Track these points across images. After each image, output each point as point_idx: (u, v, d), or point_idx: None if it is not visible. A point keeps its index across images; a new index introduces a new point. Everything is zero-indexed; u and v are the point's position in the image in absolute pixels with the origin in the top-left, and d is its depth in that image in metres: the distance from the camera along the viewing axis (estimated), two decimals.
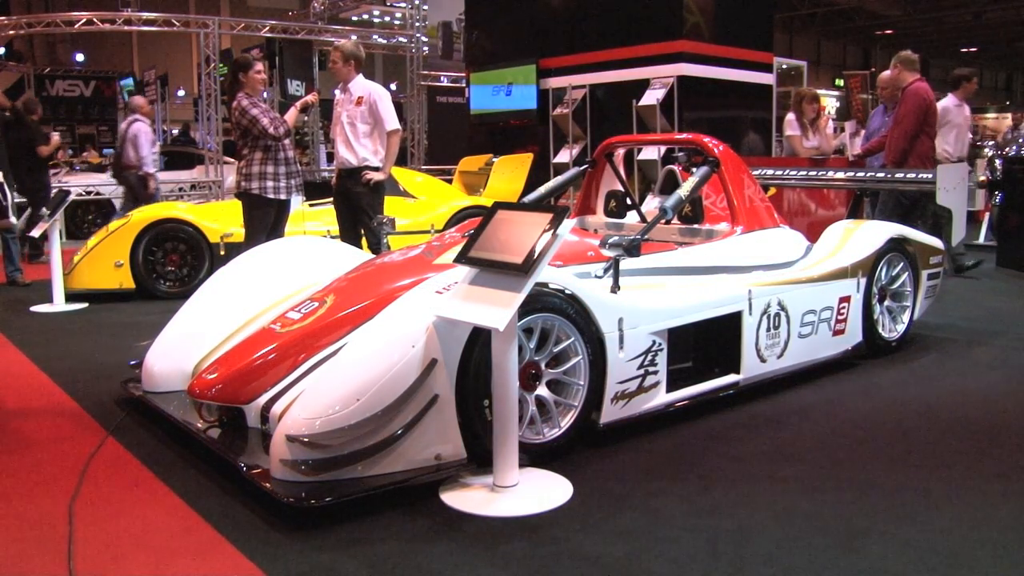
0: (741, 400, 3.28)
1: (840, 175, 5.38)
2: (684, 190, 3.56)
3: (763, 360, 3.36)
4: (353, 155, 5.07)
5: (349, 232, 5.21)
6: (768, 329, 3.36)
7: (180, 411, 2.93)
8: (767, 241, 3.77)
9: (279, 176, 4.94)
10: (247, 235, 4.99)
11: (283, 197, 4.99)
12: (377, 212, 5.02)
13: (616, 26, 8.83)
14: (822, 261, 3.81)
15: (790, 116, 6.90)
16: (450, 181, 9.01)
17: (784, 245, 3.84)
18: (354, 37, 13.77)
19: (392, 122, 5.14)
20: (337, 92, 5.30)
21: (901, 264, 4.08)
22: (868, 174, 5.30)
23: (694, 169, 3.83)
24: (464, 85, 11.49)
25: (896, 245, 4.04)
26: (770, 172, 5.60)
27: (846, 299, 3.76)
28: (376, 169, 5.12)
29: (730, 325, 3.24)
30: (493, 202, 2.65)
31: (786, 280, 3.51)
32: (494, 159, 8.58)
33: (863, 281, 3.84)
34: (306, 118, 5.22)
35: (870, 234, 4.03)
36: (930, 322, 4.67)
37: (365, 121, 5.07)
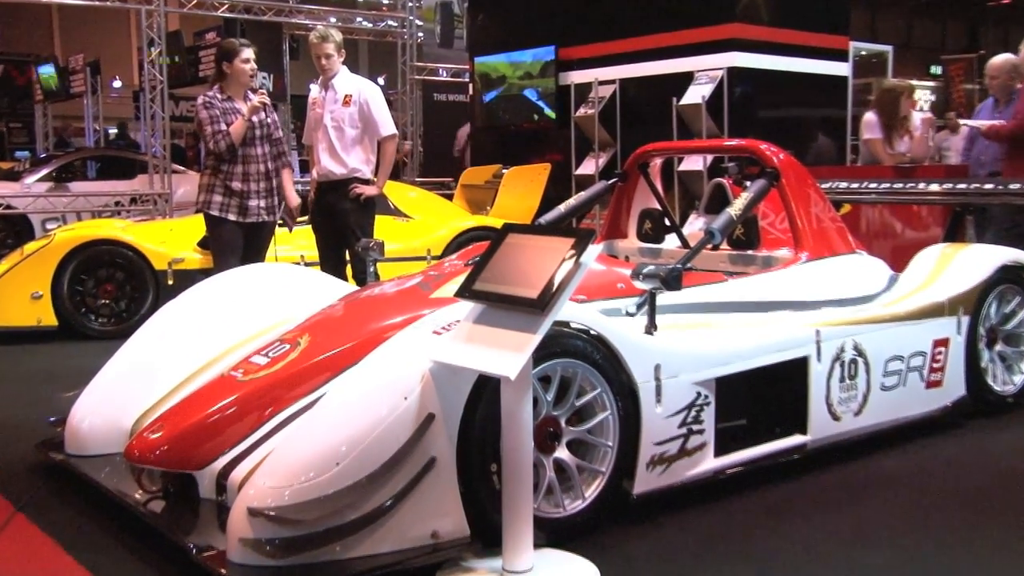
0: (809, 467, 3.30)
1: (935, 187, 5.40)
2: (736, 208, 3.62)
3: (836, 418, 3.38)
4: (339, 165, 5.18)
5: (330, 258, 5.30)
6: (842, 379, 3.39)
7: (114, 479, 2.96)
8: (839, 270, 3.82)
9: (231, 192, 4.98)
10: (213, 260, 5.12)
11: (233, 218, 5.00)
12: (367, 233, 5.10)
13: (652, 8, 8.96)
14: (911, 295, 3.85)
15: (870, 115, 6.96)
16: (450, 197, 9.13)
17: (861, 275, 3.88)
18: (333, 20, 14.07)
19: (388, 126, 5.27)
20: (314, 88, 5.43)
21: (1017, 299, 4.08)
22: (973, 185, 5.30)
23: (748, 183, 3.90)
24: (467, 80, 11.69)
25: (1010, 274, 4.04)
26: (844, 185, 5.66)
27: (943, 342, 3.78)
28: (367, 183, 5.23)
29: (794, 374, 3.27)
30: (503, 223, 2.72)
31: (864, 319, 3.55)
32: (503, 171, 8.68)
33: (965, 320, 3.86)
34: (273, 119, 5.30)
35: (975, 261, 4.05)
36: None
37: (354, 124, 5.18)
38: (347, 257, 5.30)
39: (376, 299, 3.46)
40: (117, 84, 20.91)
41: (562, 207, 4.38)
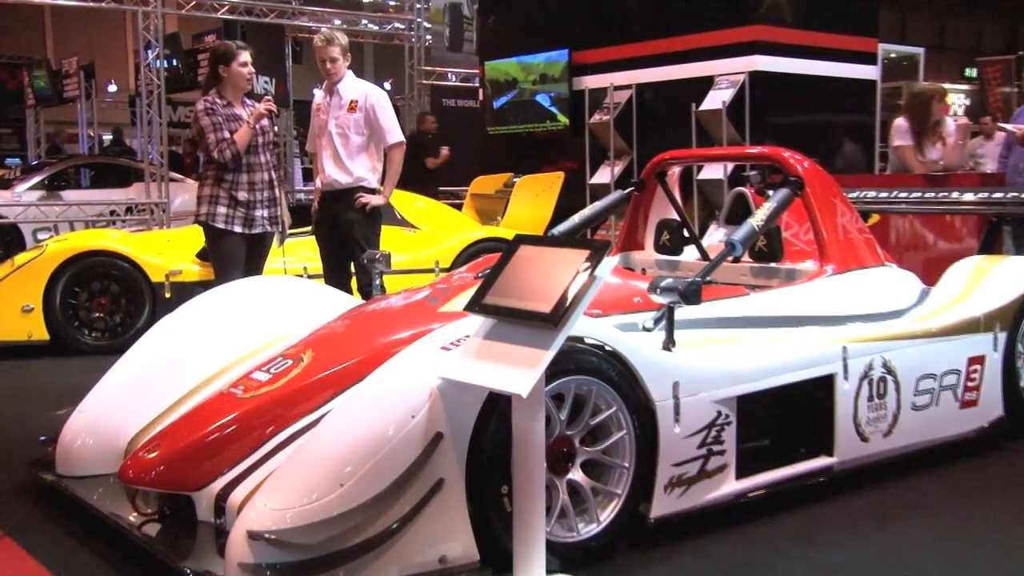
0: (836, 490, 3.29)
1: (969, 196, 5.39)
2: (758, 219, 3.63)
3: (864, 439, 3.38)
4: (344, 173, 5.21)
5: (334, 270, 5.33)
6: (870, 398, 3.39)
7: (107, 501, 2.97)
8: (867, 283, 3.82)
9: (236, 202, 5.00)
10: (214, 273, 5.14)
11: (239, 230, 5.02)
12: (372, 245, 5.14)
13: (671, 9, 9.01)
14: (944, 310, 3.84)
15: (900, 121, 6.95)
16: (459, 207, 9.17)
17: (891, 289, 3.88)
18: (337, 22, 14.18)
19: (395, 133, 5.29)
20: (319, 93, 5.47)
21: None
22: (1010, 194, 5.29)
23: (771, 192, 3.91)
24: (477, 85, 11.75)
25: None
26: (872, 194, 5.66)
27: (978, 360, 3.77)
28: (373, 191, 5.27)
29: (819, 393, 3.27)
30: (514, 235, 2.74)
31: (894, 334, 3.55)
32: (515, 179, 8.73)
33: (1003, 336, 3.84)
34: (275, 128, 5.32)
35: (1012, 274, 4.04)
36: None
37: (360, 131, 5.22)
38: (352, 269, 5.33)
39: (382, 313, 3.49)
40: (112, 88, 21.06)
41: (576, 217, 4.40)
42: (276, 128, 5.28)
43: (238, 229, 5.02)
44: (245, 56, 5.09)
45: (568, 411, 2.68)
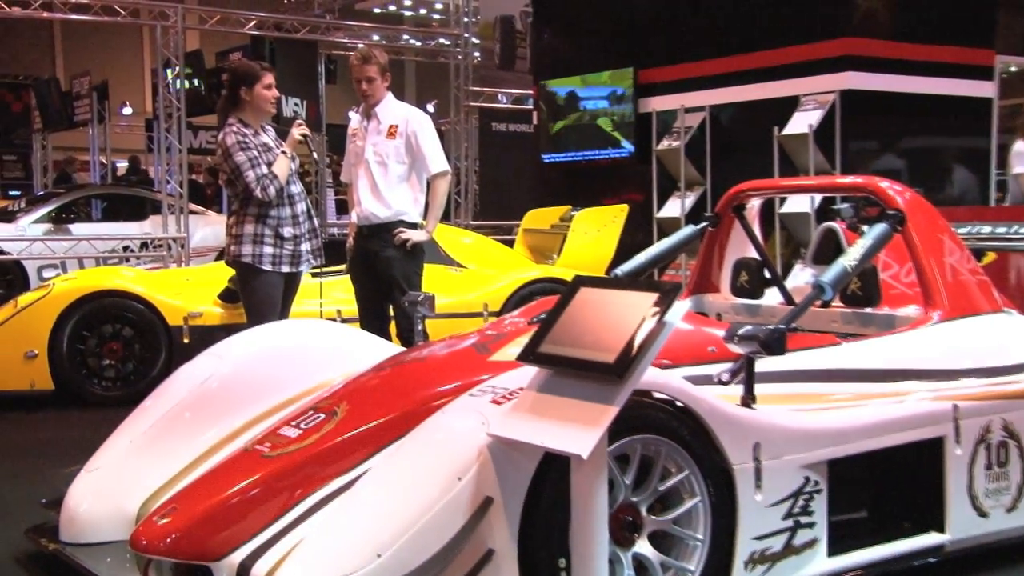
0: (949, 572, 3.23)
1: None
2: (850, 258, 3.61)
3: (983, 514, 3.31)
4: (382, 206, 5.30)
5: (371, 313, 5.41)
6: (988, 466, 3.33)
7: (117, 572, 3.01)
8: (981, 333, 3.77)
9: (283, 240, 5.08)
10: (249, 316, 5.19)
11: (287, 269, 5.13)
12: (414, 286, 5.20)
13: (750, 22, 9.02)
14: None
15: (1021, 144, 6.89)
16: (511, 244, 9.24)
17: (1010, 339, 3.82)
18: (376, 37, 14.45)
19: (439, 162, 5.38)
20: (355, 116, 5.60)
21: None
22: None
23: (865, 227, 3.90)
24: (531, 107, 11.86)
25: None
26: (987, 229, 5.60)
27: None
28: (414, 226, 5.34)
29: (927, 459, 3.23)
30: (573, 275, 2.78)
31: (1015, 392, 3.49)
32: (573, 212, 8.77)
33: None
34: (314, 153, 5.43)
35: None
36: None
37: (401, 160, 5.31)
38: (391, 312, 5.39)
39: (424, 362, 3.53)
40: (127, 111, 21.44)
41: (642, 256, 4.42)
42: (315, 154, 5.37)
43: (286, 269, 5.12)
44: (269, 78, 5.18)
45: (634, 475, 2.68)
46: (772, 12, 8.85)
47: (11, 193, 17.20)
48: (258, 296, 5.12)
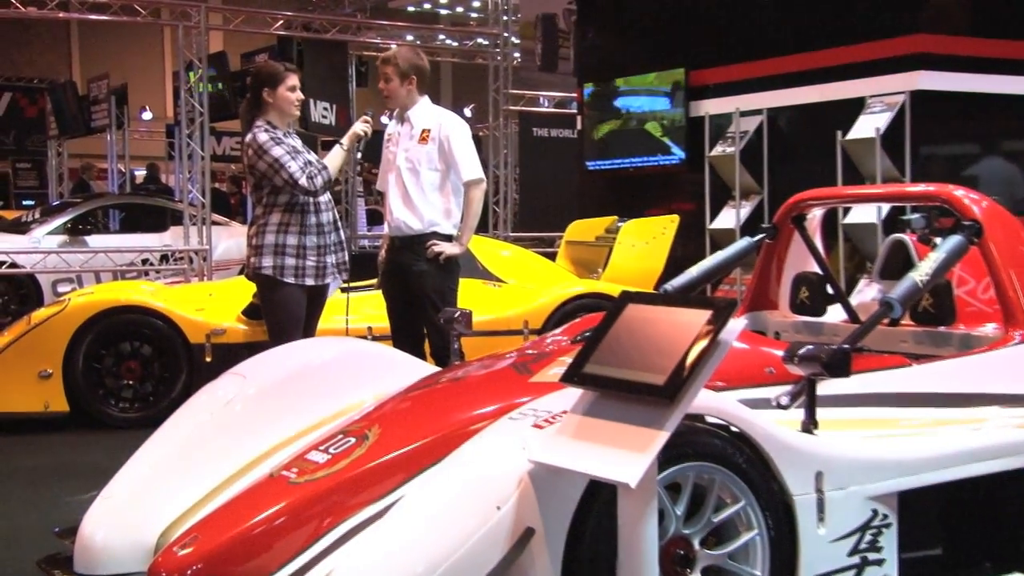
0: None
1: None
2: (922, 273, 3.60)
3: None
4: (414, 216, 5.33)
5: (404, 331, 5.43)
6: None
7: None
8: None
9: (306, 250, 5.11)
10: (270, 333, 5.22)
11: (311, 282, 5.16)
12: (448, 302, 5.22)
13: (810, 19, 8.98)
14: None
15: None
16: (553, 257, 9.26)
17: None
18: (410, 37, 14.53)
19: (473, 169, 5.40)
20: (389, 122, 5.65)
21: None
22: None
23: (938, 239, 3.88)
24: (574, 111, 11.88)
25: None
26: None
27: None
28: (448, 238, 5.38)
29: (1007, 491, 3.20)
30: (620, 291, 2.80)
31: None
32: (619, 223, 8.77)
33: None
34: (359, 153, 5.50)
35: None
36: None
37: (434, 167, 5.34)
38: (425, 330, 5.41)
39: (461, 383, 3.55)
40: (147, 116, 21.62)
41: (694, 270, 4.42)
42: (360, 154, 5.44)
43: (309, 282, 5.15)
44: (294, 79, 5.24)
45: (686, 505, 2.68)
46: (835, 7, 8.82)
47: (25, 203, 17.29)
48: (280, 311, 5.15)
